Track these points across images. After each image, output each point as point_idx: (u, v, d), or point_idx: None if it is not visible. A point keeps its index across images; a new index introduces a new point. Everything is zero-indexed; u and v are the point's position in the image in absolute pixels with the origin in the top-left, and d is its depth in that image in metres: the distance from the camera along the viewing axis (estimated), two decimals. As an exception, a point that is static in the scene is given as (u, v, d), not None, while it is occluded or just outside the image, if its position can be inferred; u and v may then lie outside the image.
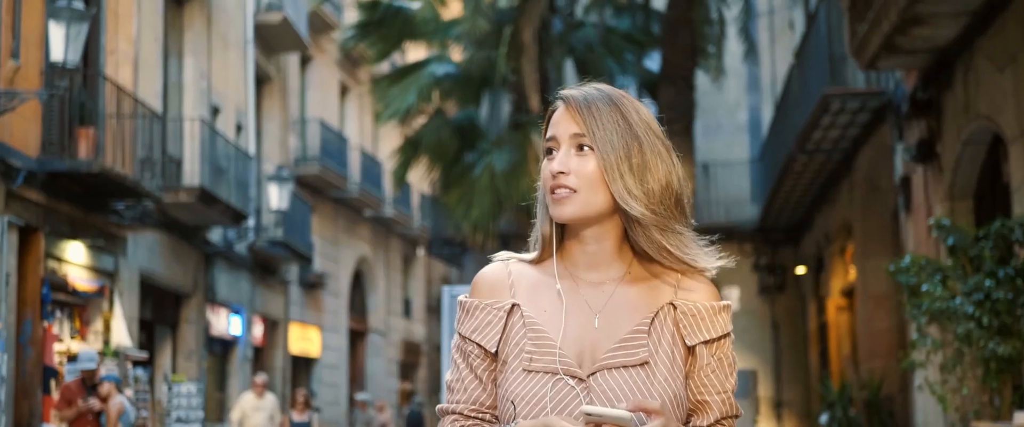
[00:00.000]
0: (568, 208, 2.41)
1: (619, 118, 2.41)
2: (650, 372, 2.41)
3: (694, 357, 2.47)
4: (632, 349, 2.42)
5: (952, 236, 8.97)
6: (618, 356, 2.42)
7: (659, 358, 2.43)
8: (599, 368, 2.41)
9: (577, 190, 2.40)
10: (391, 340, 35.96)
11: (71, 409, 13.38)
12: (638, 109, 2.46)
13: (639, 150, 2.40)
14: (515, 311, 2.50)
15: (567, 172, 2.40)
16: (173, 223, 20.48)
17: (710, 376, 2.47)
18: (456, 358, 2.56)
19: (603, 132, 2.40)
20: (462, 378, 2.52)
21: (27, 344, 15.23)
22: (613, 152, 2.39)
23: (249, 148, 24.15)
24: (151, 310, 20.24)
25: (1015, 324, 8.35)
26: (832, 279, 20.01)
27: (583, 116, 2.41)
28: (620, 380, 2.40)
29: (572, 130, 2.43)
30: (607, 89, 2.47)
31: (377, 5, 20.53)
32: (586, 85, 2.49)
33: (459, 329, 2.58)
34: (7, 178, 14.72)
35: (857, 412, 16.28)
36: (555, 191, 2.42)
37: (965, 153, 11.61)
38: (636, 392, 2.38)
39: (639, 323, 2.45)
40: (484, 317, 2.53)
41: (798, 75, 17.76)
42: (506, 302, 2.52)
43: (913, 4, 10.30)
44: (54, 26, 14.26)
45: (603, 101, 2.43)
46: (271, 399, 19.28)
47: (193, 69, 22.00)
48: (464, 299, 2.58)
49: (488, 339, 2.50)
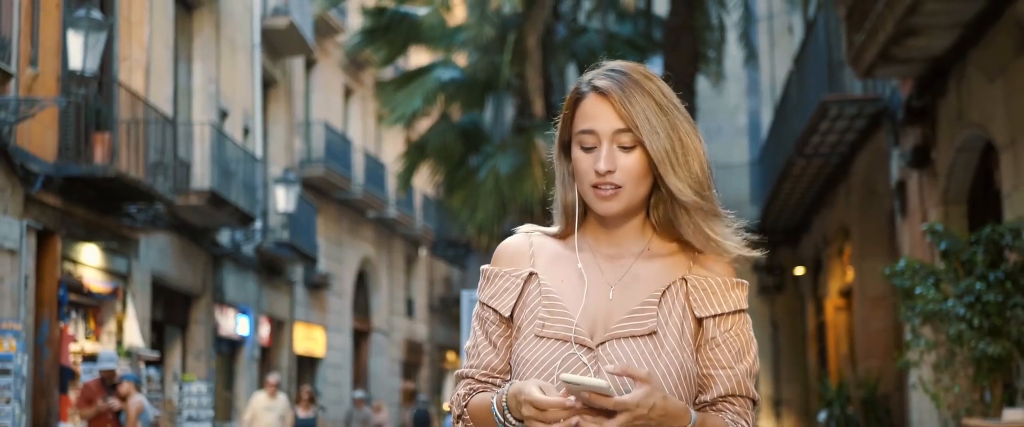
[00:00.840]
0: (615, 205, 2.44)
1: (654, 106, 2.42)
2: (658, 342, 2.44)
3: (703, 331, 2.49)
4: (641, 320, 2.45)
5: (944, 241, 9.35)
6: (627, 326, 2.45)
7: (668, 330, 2.45)
8: (608, 338, 2.44)
9: (622, 186, 2.43)
10: (394, 340, 36.32)
11: (91, 408, 13.74)
12: (662, 89, 2.46)
13: (677, 137, 2.41)
14: (532, 279, 2.54)
15: (614, 170, 2.42)
16: (183, 225, 20.85)
17: (716, 351, 2.48)
18: (474, 325, 2.62)
19: (647, 127, 2.40)
20: (477, 344, 2.58)
21: (44, 344, 15.59)
22: (660, 147, 2.40)
23: (256, 151, 24.51)
24: (162, 311, 20.59)
25: (1005, 325, 8.72)
26: (830, 280, 20.33)
27: (626, 110, 2.41)
28: (628, 349, 2.42)
29: (615, 126, 2.43)
30: (631, 72, 2.47)
31: (383, 11, 20.91)
32: (605, 70, 2.50)
33: (479, 296, 2.63)
34: (25, 183, 15.08)
35: (854, 410, 16.59)
36: (600, 187, 2.44)
37: (958, 159, 11.98)
38: (643, 362, 2.41)
39: (650, 295, 2.48)
40: (502, 284, 2.57)
41: (797, 81, 18.13)
42: (524, 270, 2.56)
43: (908, 16, 10.67)
44: (73, 35, 14.64)
45: (636, 89, 2.43)
46: (283, 399, 19.47)
47: (202, 74, 22.36)
48: (486, 268, 2.62)
49: (503, 304, 2.55)
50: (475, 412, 2.50)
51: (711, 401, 2.47)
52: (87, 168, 16.09)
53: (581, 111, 2.47)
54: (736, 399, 2.47)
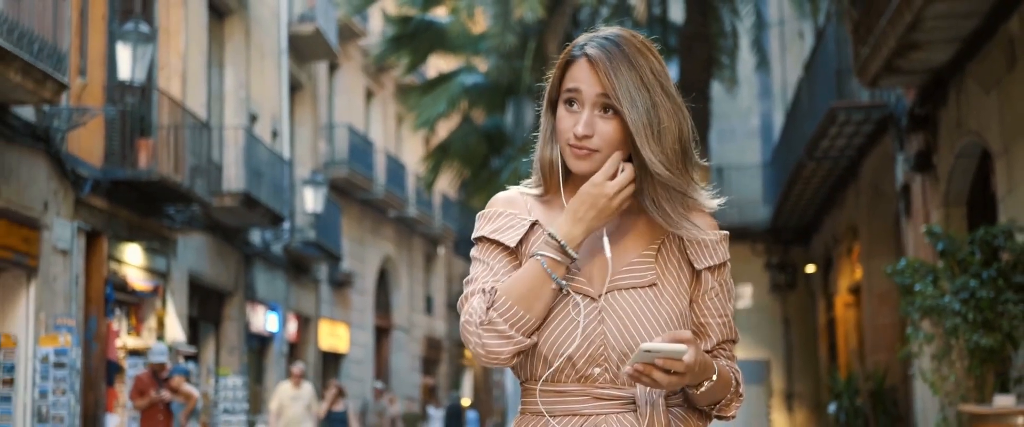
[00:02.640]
0: (588, 164, 2.51)
1: (637, 80, 2.46)
2: (658, 293, 2.52)
3: (699, 282, 2.59)
4: (640, 272, 2.53)
5: (942, 241, 10.14)
6: (628, 278, 2.52)
7: (666, 281, 2.54)
8: (610, 288, 2.51)
9: (598, 150, 2.49)
10: (414, 336, 37.12)
11: (144, 399, 14.57)
12: (652, 66, 2.50)
13: (656, 114, 2.45)
14: (536, 228, 2.58)
15: (591, 134, 2.49)
16: (217, 226, 21.68)
17: (713, 300, 2.59)
18: (474, 264, 2.60)
19: (627, 99, 2.45)
20: (480, 273, 2.56)
21: (93, 340, 16.43)
22: (638, 118, 2.45)
23: (284, 153, 25.33)
24: (197, 307, 21.42)
25: (996, 319, 9.49)
26: (840, 277, 20.95)
27: (609, 79, 2.46)
28: (630, 299, 2.50)
29: (596, 90, 2.48)
30: (623, 41, 2.51)
31: (408, 19, 21.72)
32: (602, 36, 2.54)
33: (478, 233, 2.62)
34: (75, 187, 15.92)
35: (863, 402, 17.26)
36: (576, 148, 2.51)
37: (958, 165, 12.74)
38: (645, 311, 2.50)
39: (647, 248, 2.56)
40: (506, 222, 2.59)
41: (807, 87, 18.86)
42: (528, 216, 2.60)
43: (910, 32, 11.44)
44: (122, 47, 15.49)
45: (624, 62, 2.47)
46: (308, 389, 19.77)
47: (233, 79, 23.20)
48: (483, 212, 2.64)
49: (510, 238, 2.56)
50: (512, 286, 2.47)
51: (709, 349, 2.59)
52: (132, 172, 16.93)
53: (570, 73, 2.52)
54: (728, 344, 2.62)
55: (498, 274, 2.53)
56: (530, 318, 2.45)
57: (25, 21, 13.22)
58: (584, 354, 2.47)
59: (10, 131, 14.10)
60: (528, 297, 2.45)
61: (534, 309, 2.45)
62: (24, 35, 13.08)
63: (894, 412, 16.48)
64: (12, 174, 14.20)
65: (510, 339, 2.45)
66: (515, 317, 2.44)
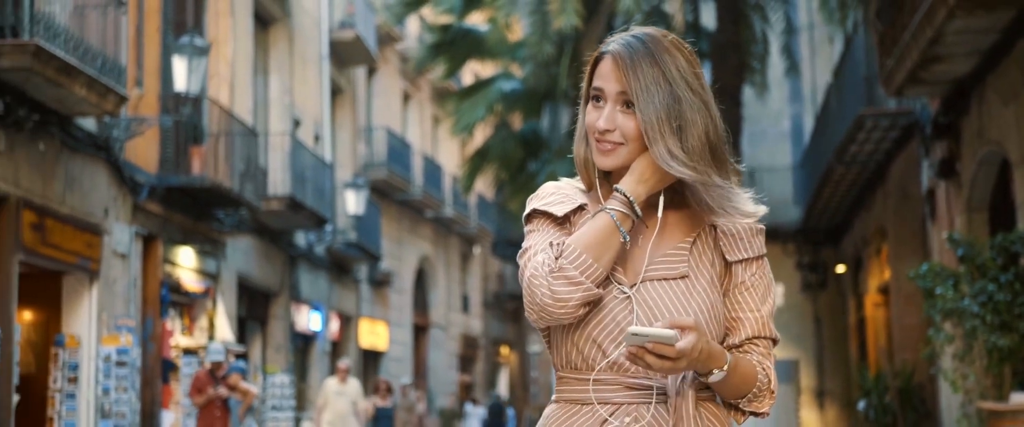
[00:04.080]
0: (611, 159, 2.56)
1: (660, 76, 2.48)
2: (690, 285, 2.54)
3: (731, 275, 2.60)
4: (673, 263, 2.55)
5: (962, 247, 10.73)
6: (660, 269, 2.55)
7: (699, 273, 2.56)
8: (642, 279, 2.53)
9: (623, 143, 2.53)
10: (451, 334, 37.76)
11: (202, 396, 15.26)
12: (678, 62, 2.52)
13: (679, 109, 2.47)
14: (584, 211, 2.63)
15: (613, 129, 2.52)
16: (263, 228, 22.38)
17: (745, 294, 2.60)
18: (528, 237, 2.63)
19: (645, 94, 2.47)
20: (536, 241, 2.59)
21: (149, 339, 17.14)
22: (654, 114, 2.47)
23: (325, 156, 26.02)
24: (245, 308, 22.12)
25: (1014, 321, 10.09)
26: (869, 278, 21.44)
27: (627, 76, 2.49)
28: (661, 291, 2.53)
29: (617, 88, 2.52)
30: (650, 39, 2.53)
31: (448, 28, 22.38)
32: (631, 34, 2.58)
33: (530, 208, 2.66)
34: (133, 193, 16.63)
35: (891, 399, 17.79)
36: (600, 143, 2.56)
37: (980, 172, 13.30)
38: (676, 303, 2.52)
39: (682, 240, 2.58)
40: (556, 198, 2.64)
41: (836, 93, 19.42)
42: (579, 198, 2.65)
43: (932, 45, 12.02)
44: (178, 60, 16.18)
45: (646, 58, 2.50)
46: (354, 384, 19.87)
47: (278, 86, 23.91)
48: (533, 196, 2.69)
49: (558, 209, 2.61)
50: (581, 236, 2.51)
51: (739, 343, 2.59)
52: (186, 178, 17.62)
53: (598, 71, 2.57)
54: (760, 341, 2.60)
55: (550, 239, 2.56)
56: (598, 267, 2.47)
57: (87, 36, 13.92)
58: (615, 341, 2.50)
59: (74, 142, 14.81)
60: (597, 246, 2.47)
61: (603, 259, 2.47)
62: (88, 51, 13.78)
63: (921, 409, 16.99)
64: (75, 182, 14.91)
65: (579, 285, 2.45)
66: (585, 264, 2.45)
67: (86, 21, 14.11)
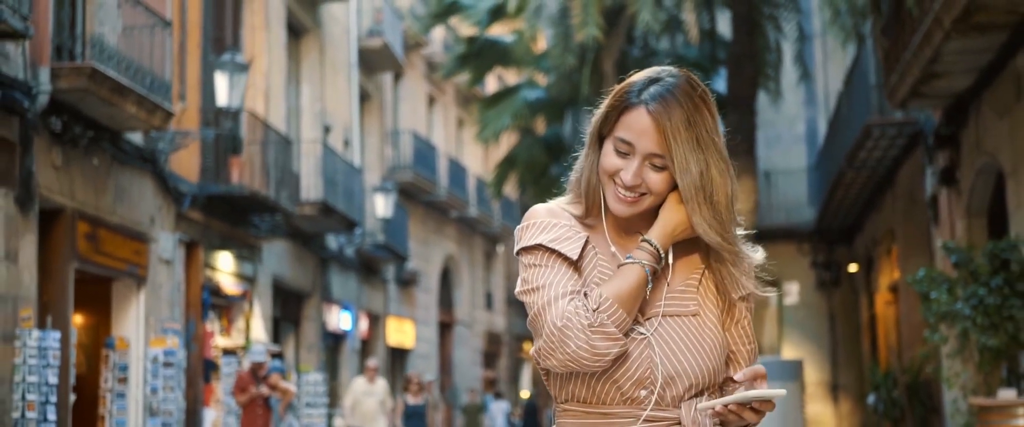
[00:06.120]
0: (631, 209, 2.54)
1: (695, 143, 2.46)
2: (701, 322, 2.54)
3: (732, 311, 2.61)
4: (684, 301, 2.55)
5: (955, 254, 11.57)
6: (673, 306, 2.54)
7: (708, 309, 2.57)
8: (654, 315, 2.52)
9: (645, 194, 2.51)
10: (475, 331, 38.61)
11: (245, 395, 16.14)
12: (706, 123, 2.49)
13: (709, 173, 2.48)
14: (589, 245, 2.58)
15: (639, 184, 2.50)
16: (297, 232, 23.27)
17: (745, 328, 2.63)
18: (534, 271, 2.54)
19: (682, 163, 2.46)
20: (550, 279, 2.52)
21: (192, 341, 18.05)
22: (692, 184, 2.47)
23: (355, 161, 26.90)
24: (280, 309, 23.01)
25: (1002, 323, 10.91)
26: (880, 276, 22.10)
27: (666, 141, 2.45)
28: (676, 328, 2.52)
29: (651, 150, 2.47)
30: (683, 96, 2.48)
31: (474, 39, 23.27)
32: (665, 87, 2.49)
33: (534, 241, 2.56)
34: (176, 202, 17.54)
35: (899, 394, 18.56)
36: (621, 195, 2.51)
37: (978, 180, 14.10)
38: (690, 339, 2.52)
39: (690, 276, 2.58)
40: (563, 233, 2.56)
41: (846, 101, 20.21)
42: (582, 231, 2.58)
43: (932, 63, 12.81)
44: (219, 76, 17.09)
45: (683, 122, 2.46)
46: (382, 384, 20.30)
47: (309, 94, 24.81)
48: (533, 221, 2.59)
49: (570, 249, 2.54)
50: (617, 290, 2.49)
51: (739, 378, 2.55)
52: (225, 187, 18.53)
53: (626, 119, 2.50)
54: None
55: (569, 281, 2.51)
56: (629, 321, 2.47)
57: (134, 54, 14.82)
58: (632, 377, 2.49)
59: (123, 155, 15.72)
60: (631, 301, 2.47)
61: (632, 312, 2.48)
62: (137, 70, 14.68)
63: (928, 404, 17.71)
64: (124, 194, 15.82)
65: (617, 340, 2.45)
66: (621, 319, 2.45)
67: (134, 40, 15.01)
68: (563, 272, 2.52)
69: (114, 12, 14.74)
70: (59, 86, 13.43)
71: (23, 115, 13.14)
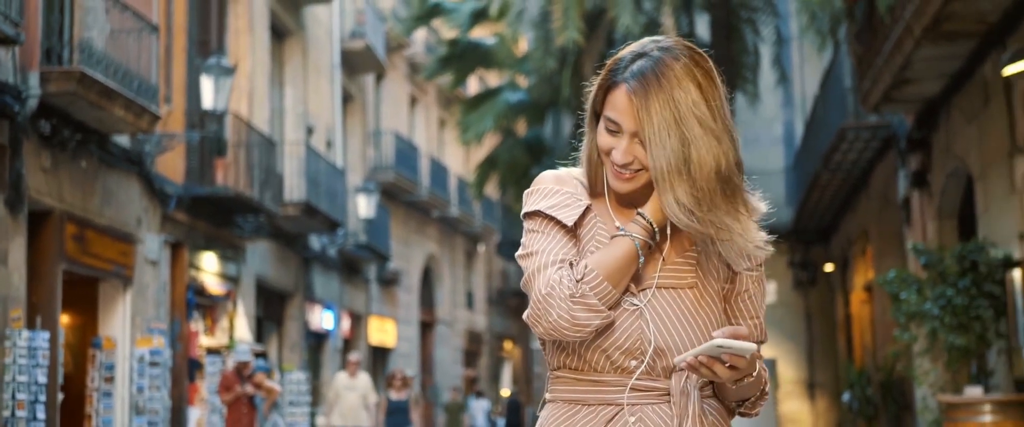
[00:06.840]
0: (630, 185, 2.52)
1: (670, 118, 2.41)
2: (698, 295, 2.53)
3: (735, 284, 2.58)
4: (681, 273, 2.53)
5: (924, 256, 11.89)
6: (670, 278, 2.53)
7: (707, 282, 2.55)
8: (648, 287, 2.52)
9: (641, 169, 2.49)
10: (456, 330, 38.88)
11: (230, 394, 16.38)
12: (690, 95, 2.43)
13: (687, 152, 2.41)
14: (590, 213, 2.57)
15: (631, 161, 2.48)
16: (280, 233, 23.52)
17: (748, 302, 2.60)
18: (532, 237, 2.55)
19: (657, 139, 2.41)
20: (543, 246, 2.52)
21: (176, 340, 18.29)
22: (664, 161, 2.42)
23: (337, 161, 27.15)
24: (263, 308, 23.26)
25: (969, 323, 11.24)
26: (855, 276, 22.41)
27: (640, 119, 2.43)
28: (671, 300, 2.51)
29: (632, 127, 2.46)
30: (665, 69, 2.44)
31: (456, 42, 23.55)
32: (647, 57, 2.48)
33: (534, 207, 2.58)
34: (162, 203, 17.78)
35: (874, 391, 18.88)
36: (618, 172, 2.51)
37: (949, 183, 14.43)
38: (685, 312, 2.51)
39: (690, 249, 2.54)
40: (563, 200, 2.56)
41: (822, 104, 20.54)
42: (584, 199, 2.58)
43: (903, 70, 13.14)
44: (205, 79, 17.33)
45: (658, 97, 2.41)
46: (364, 379, 20.00)
47: (292, 96, 25.05)
48: (534, 188, 2.62)
49: (567, 216, 2.53)
50: (604, 262, 2.48)
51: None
52: (210, 189, 18.78)
53: (611, 97, 2.50)
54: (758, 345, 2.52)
55: (562, 249, 2.51)
56: (615, 293, 2.46)
57: (122, 58, 15.06)
58: (621, 347, 2.49)
59: (110, 158, 15.96)
60: (618, 274, 2.46)
61: (620, 285, 2.47)
62: (125, 74, 14.93)
63: (901, 401, 18.03)
64: (112, 196, 16.06)
65: (599, 312, 2.44)
66: (604, 291, 2.44)
67: (121, 44, 15.24)
68: (557, 239, 2.52)
69: (102, 17, 14.98)
70: (48, 90, 13.66)
71: (13, 118, 13.37)
